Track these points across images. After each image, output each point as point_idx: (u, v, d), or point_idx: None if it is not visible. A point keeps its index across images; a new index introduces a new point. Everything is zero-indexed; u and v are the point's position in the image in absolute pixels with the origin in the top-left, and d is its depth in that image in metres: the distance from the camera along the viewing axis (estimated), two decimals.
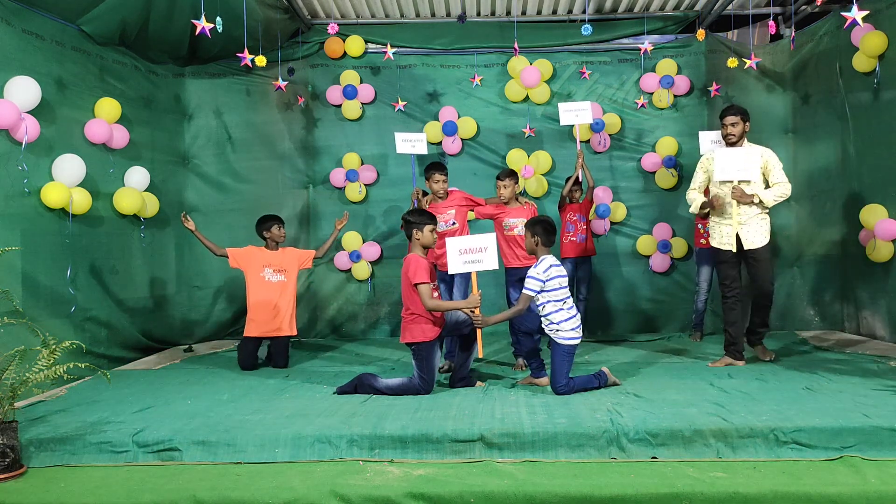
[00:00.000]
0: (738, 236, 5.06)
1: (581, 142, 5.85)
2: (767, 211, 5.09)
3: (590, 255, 6.54)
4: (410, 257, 4.51)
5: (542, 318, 4.44)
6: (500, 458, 3.45)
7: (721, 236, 5.16)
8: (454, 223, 5.39)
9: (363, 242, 7.34)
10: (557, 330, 4.38)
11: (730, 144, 5.08)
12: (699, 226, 6.40)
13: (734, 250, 5.08)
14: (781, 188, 5.05)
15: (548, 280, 4.36)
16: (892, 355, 5.39)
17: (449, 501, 3.04)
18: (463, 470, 3.31)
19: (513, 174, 5.53)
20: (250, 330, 5.56)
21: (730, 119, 5.07)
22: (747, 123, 5.10)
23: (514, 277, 5.39)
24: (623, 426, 3.53)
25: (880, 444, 3.42)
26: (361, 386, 4.49)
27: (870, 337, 6.29)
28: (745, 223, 5.03)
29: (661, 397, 4.19)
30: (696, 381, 4.65)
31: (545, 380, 4.57)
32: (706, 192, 5.49)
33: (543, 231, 4.48)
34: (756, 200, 5.00)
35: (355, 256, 7.25)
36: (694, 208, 5.28)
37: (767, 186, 5.08)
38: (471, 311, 4.41)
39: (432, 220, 4.62)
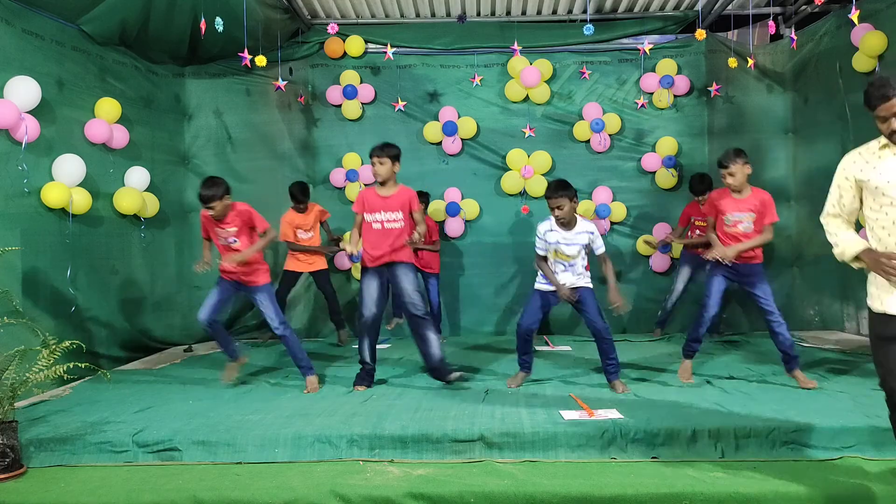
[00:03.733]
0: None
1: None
2: None
3: None
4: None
5: (585, 271, 4.57)
6: (500, 458, 3.45)
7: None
8: (235, 240, 4.74)
9: None
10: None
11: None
12: (696, 233, 6.42)
13: None
14: None
15: None
16: None
17: (449, 501, 3.04)
18: (463, 470, 3.31)
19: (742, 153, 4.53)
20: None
21: None
22: None
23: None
24: (623, 426, 3.53)
25: (880, 444, 3.42)
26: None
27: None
28: None
29: (661, 397, 4.20)
30: (695, 381, 4.65)
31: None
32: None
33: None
34: None
35: (355, 256, 7.24)
36: (846, 256, 2.95)
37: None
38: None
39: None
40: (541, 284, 4.59)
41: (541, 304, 4.60)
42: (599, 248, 4.52)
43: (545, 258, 4.53)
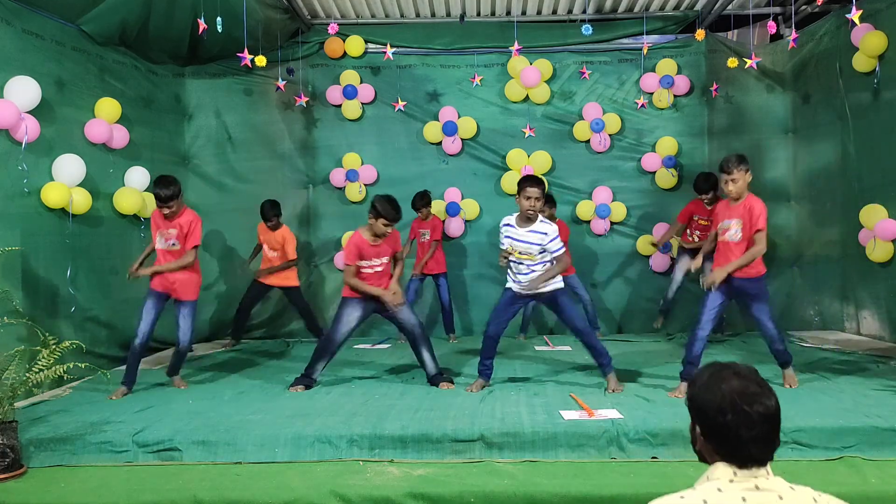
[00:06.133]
0: None
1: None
2: None
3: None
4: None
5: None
6: (500, 458, 3.46)
7: None
8: (175, 243, 4.78)
9: None
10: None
11: None
12: (688, 233, 6.49)
13: None
14: None
15: None
16: (892, 355, 5.39)
17: (449, 501, 3.04)
18: (463, 470, 3.31)
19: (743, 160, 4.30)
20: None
21: None
22: None
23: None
24: (623, 426, 3.53)
25: (880, 444, 3.42)
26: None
27: (870, 337, 6.29)
28: None
29: (661, 397, 4.20)
30: None
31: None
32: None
33: None
34: None
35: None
36: None
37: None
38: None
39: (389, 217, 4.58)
40: (511, 283, 4.54)
41: (510, 303, 4.57)
42: (555, 251, 4.39)
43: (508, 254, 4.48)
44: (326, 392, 4.60)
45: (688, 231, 6.53)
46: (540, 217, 4.45)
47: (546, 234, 4.37)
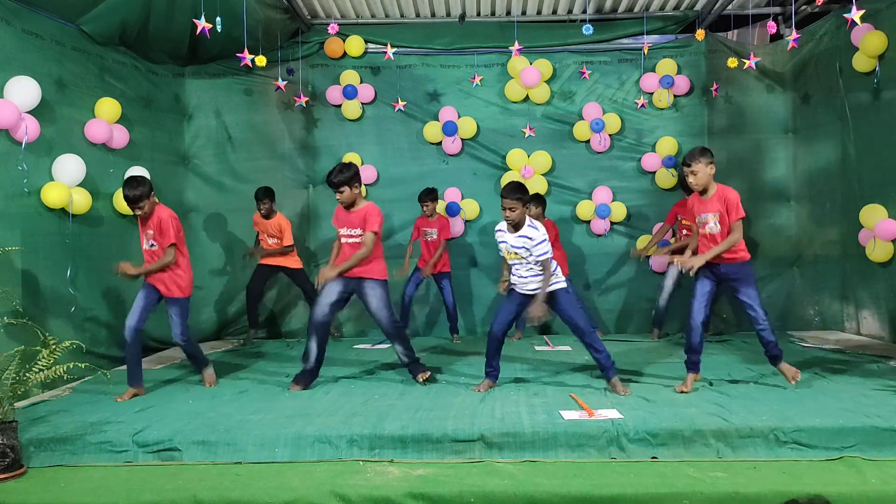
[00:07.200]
0: None
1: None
2: None
3: None
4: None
5: (551, 273, 4.38)
6: (500, 458, 3.46)
7: None
8: (153, 244, 4.69)
9: None
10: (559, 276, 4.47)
11: None
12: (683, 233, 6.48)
13: None
14: None
15: None
16: (892, 355, 5.39)
17: (449, 501, 3.05)
18: (463, 470, 3.31)
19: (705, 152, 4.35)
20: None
21: None
22: None
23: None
24: (623, 426, 3.53)
25: (880, 444, 3.42)
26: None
27: (870, 337, 6.29)
28: None
29: (661, 397, 4.20)
30: (696, 382, 4.64)
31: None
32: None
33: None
34: None
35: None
36: None
37: None
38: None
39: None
40: (513, 284, 4.51)
41: (512, 300, 4.52)
42: (538, 256, 4.32)
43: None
44: (326, 392, 4.60)
45: (674, 232, 6.56)
46: (528, 221, 4.41)
47: (531, 238, 4.32)
